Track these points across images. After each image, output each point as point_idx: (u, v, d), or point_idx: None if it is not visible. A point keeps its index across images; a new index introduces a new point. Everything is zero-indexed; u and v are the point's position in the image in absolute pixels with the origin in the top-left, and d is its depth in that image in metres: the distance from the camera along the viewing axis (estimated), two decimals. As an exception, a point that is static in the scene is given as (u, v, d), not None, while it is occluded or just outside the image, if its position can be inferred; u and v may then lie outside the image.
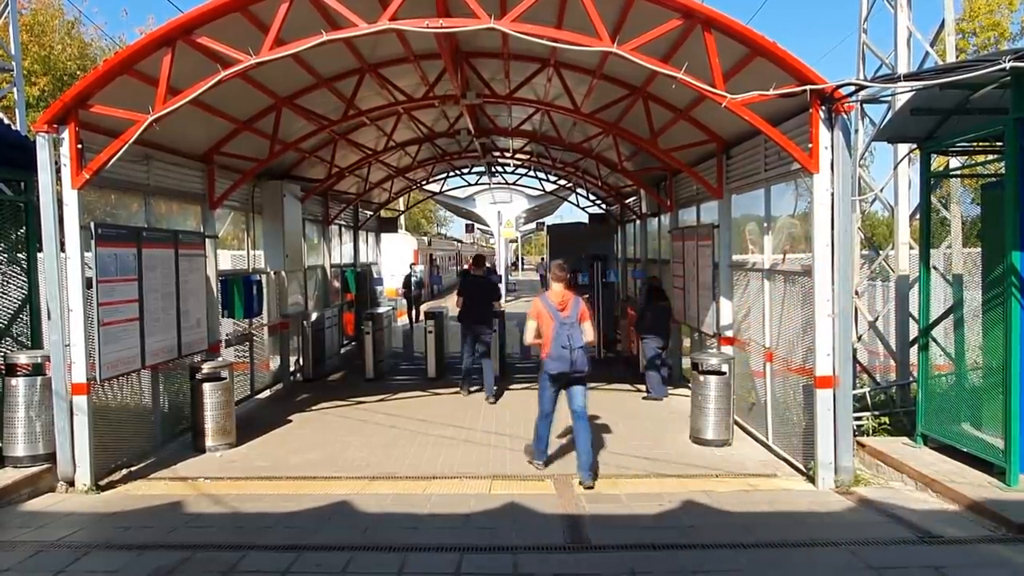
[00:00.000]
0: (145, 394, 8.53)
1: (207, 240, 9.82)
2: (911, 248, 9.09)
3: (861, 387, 8.95)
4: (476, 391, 11.84)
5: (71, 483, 7.17)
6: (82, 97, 7.03)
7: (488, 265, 17.27)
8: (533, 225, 33.84)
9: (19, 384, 7.43)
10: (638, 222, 16.34)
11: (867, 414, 8.55)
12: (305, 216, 13.48)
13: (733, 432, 8.82)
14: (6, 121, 9.84)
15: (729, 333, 9.81)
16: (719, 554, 5.55)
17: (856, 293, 9.08)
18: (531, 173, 20.27)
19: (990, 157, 7.92)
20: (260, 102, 9.74)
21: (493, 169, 19.86)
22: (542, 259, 56.26)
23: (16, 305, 8.28)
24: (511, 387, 12.58)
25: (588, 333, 7.43)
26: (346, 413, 10.79)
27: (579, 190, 20.47)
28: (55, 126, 7.06)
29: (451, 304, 13.55)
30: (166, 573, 5.19)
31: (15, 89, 12.21)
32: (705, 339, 10.77)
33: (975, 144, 7.63)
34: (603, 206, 20.34)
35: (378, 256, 21.62)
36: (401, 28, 6.98)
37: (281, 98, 9.83)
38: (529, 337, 7.73)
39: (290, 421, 10.29)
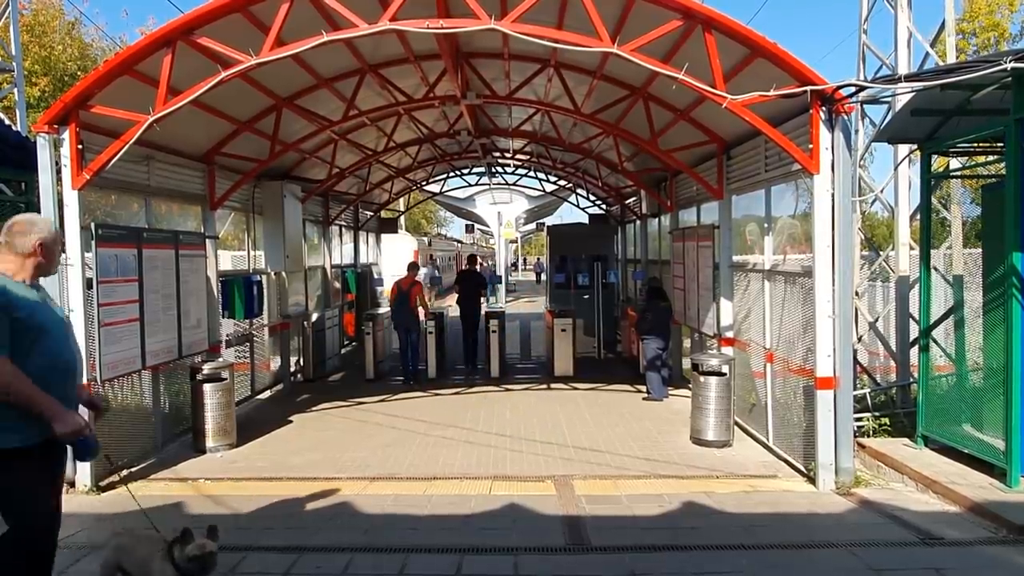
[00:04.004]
0: (145, 395, 8.53)
1: (207, 241, 9.82)
2: (911, 249, 9.09)
3: (861, 388, 8.95)
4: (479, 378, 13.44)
5: (71, 484, 7.16)
6: (83, 98, 7.03)
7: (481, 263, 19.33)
8: (533, 225, 33.75)
9: (19, 385, 7.41)
10: (638, 223, 16.33)
11: (867, 415, 8.55)
12: (305, 217, 13.49)
13: (733, 433, 8.82)
14: (7, 122, 9.85)
15: (729, 334, 9.80)
16: (720, 555, 5.54)
17: (856, 294, 9.08)
18: (531, 173, 20.27)
19: (991, 158, 7.92)
20: (260, 102, 9.74)
21: (493, 170, 19.85)
22: (538, 259, 56.69)
23: (16, 306, 8.26)
24: (511, 387, 12.60)
25: (414, 301, 13.03)
26: (347, 414, 10.79)
27: (579, 190, 20.47)
28: (55, 127, 7.07)
29: (451, 303, 14.02)
30: (166, 574, 5.19)
31: (15, 89, 12.17)
32: (705, 340, 10.77)
33: (975, 145, 7.63)
34: (603, 206, 20.34)
35: (378, 256, 21.62)
36: (401, 28, 6.98)
37: (281, 98, 9.84)
38: (390, 303, 13.48)
39: (291, 422, 10.29)
